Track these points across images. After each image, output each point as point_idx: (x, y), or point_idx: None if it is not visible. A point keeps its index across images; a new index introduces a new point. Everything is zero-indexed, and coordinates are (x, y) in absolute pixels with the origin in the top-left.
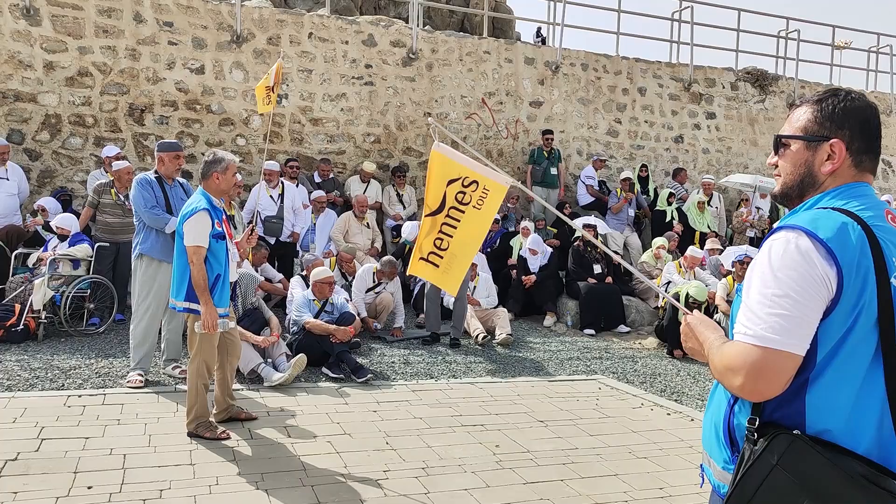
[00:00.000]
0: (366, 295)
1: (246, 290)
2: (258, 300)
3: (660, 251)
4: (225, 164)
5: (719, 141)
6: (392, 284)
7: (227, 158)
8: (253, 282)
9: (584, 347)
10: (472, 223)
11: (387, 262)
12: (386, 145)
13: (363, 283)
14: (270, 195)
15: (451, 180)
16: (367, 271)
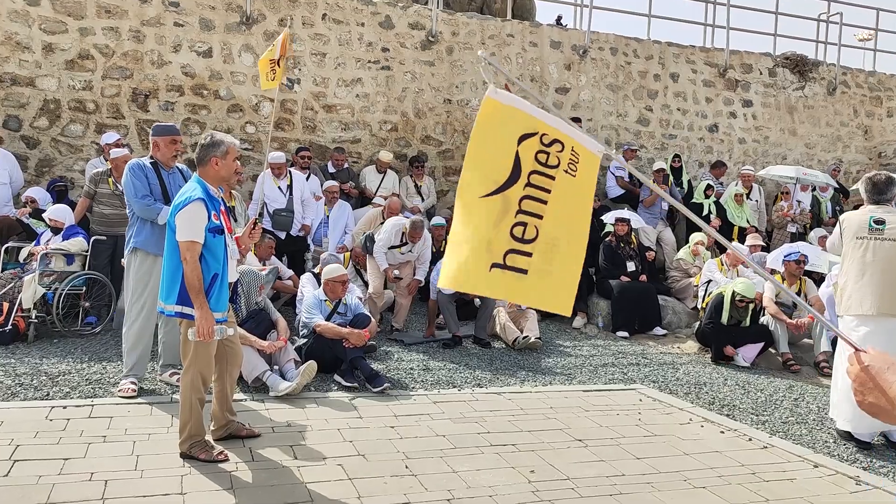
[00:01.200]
0: (389, 252)
1: (249, 288)
2: (264, 300)
3: (698, 247)
4: (224, 147)
5: (756, 130)
6: (419, 246)
7: (227, 141)
8: (256, 280)
9: (618, 352)
10: (570, 195)
11: (418, 224)
12: (403, 133)
13: (387, 239)
14: (279, 186)
15: (525, 135)
16: (395, 227)
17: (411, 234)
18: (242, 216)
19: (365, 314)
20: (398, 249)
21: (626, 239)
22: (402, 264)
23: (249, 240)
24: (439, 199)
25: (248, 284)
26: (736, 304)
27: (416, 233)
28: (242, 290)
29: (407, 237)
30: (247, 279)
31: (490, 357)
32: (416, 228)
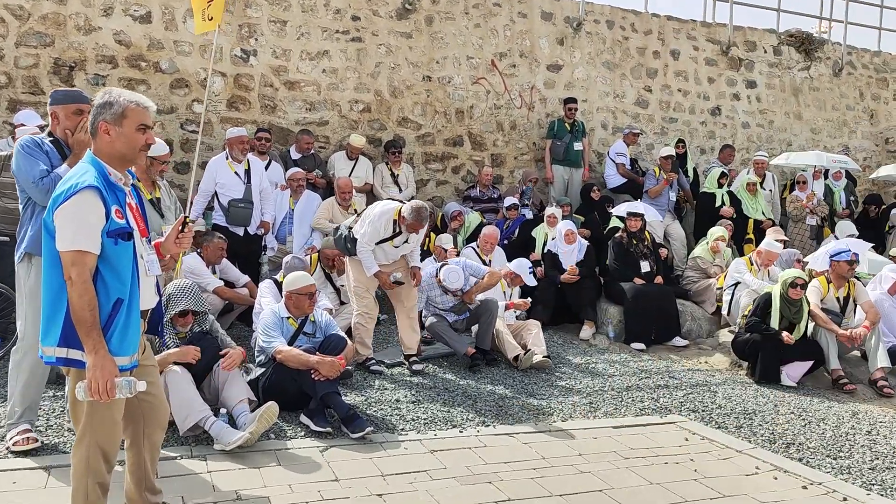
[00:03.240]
0: (378, 247)
1: (181, 307)
2: (210, 321)
3: (718, 244)
4: (119, 108)
5: (760, 114)
6: (416, 237)
7: (125, 100)
8: (196, 297)
9: (640, 370)
10: None
11: (418, 210)
12: (378, 115)
13: (375, 231)
14: (235, 172)
15: None
16: (383, 214)
17: (412, 224)
18: (173, 211)
19: (339, 335)
20: (390, 242)
21: (640, 236)
22: (395, 263)
23: (177, 247)
24: (419, 190)
25: (181, 300)
26: (788, 298)
27: (418, 223)
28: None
29: (403, 226)
30: (181, 295)
31: (491, 380)
32: (420, 217)
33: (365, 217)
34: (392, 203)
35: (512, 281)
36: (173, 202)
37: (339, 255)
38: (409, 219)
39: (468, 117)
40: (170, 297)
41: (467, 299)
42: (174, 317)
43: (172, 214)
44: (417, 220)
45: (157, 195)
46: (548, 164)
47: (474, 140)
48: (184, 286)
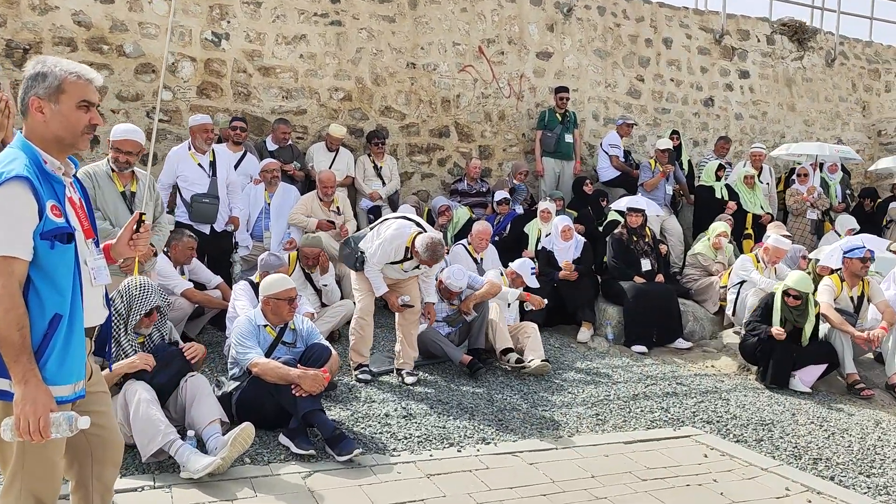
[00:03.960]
0: (388, 267)
1: (135, 322)
2: (169, 328)
3: (720, 240)
4: (55, 80)
5: (753, 105)
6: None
7: (63, 70)
8: (160, 292)
9: (644, 375)
10: None
11: (434, 248)
12: (359, 104)
13: (385, 255)
14: (199, 163)
15: None
16: (395, 238)
17: (424, 260)
18: (151, 209)
19: (322, 345)
20: (400, 265)
21: (640, 232)
22: (404, 283)
23: (130, 250)
24: (403, 184)
25: (148, 302)
26: (787, 303)
27: (431, 261)
28: (124, 329)
29: (414, 255)
30: (147, 296)
31: (488, 389)
32: (435, 256)
33: (377, 234)
34: (407, 227)
35: (513, 282)
36: (154, 198)
37: (321, 252)
38: (422, 254)
39: (455, 107)
40: (132, 298)
41: (464, 308)
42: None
43: (150, 213)
44: (431, 258)
45: (132, 188)
46: (538, 156)
47: (461, 131)
48: (142, 283)
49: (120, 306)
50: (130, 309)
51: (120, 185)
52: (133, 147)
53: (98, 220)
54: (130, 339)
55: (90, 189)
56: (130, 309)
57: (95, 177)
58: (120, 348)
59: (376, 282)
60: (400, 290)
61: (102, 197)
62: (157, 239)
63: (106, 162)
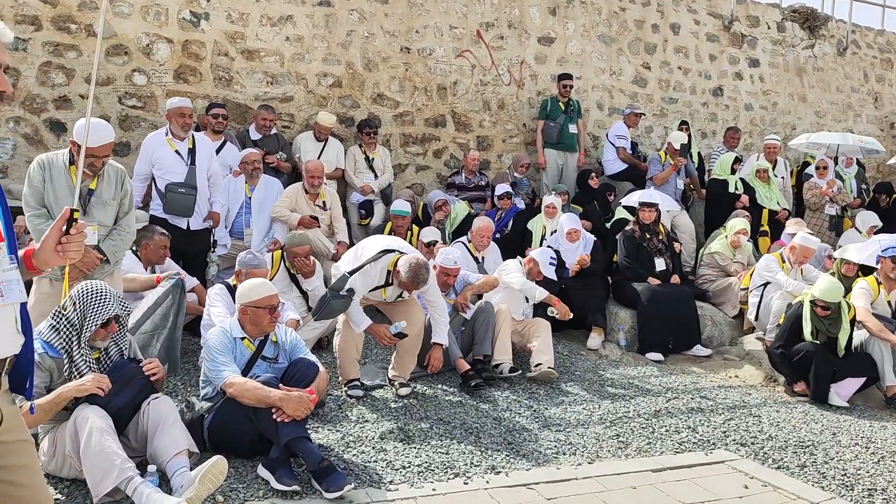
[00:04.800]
0: (371, 294)
1: (110, 314)
2: (129, 343)
3: (739, 238)
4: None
5: (763, 95)
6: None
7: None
8: (120, 298)
9: (663, 388)
10: None
11: (416, 270)
12: (350, 90)
13: (368, 279)
14: (176, 150)
15: None
16: (380, 262)
17: (404, 283)
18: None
19: (308, 360)
20: (381, 291)
21: (654, 229)
22: (394, 305)
23: (58, 257)
24: (397, 176)
25: (106, 310)
26: (815, 313)
27: (411, 283)
28: (77, 341)
29: (395, 279)
30: (105, 303)
31: (493, 404)
32: (417, 280)
33: (358, 250)
34: (393, 247)
35: (529, 271)
36: (121, 196)
37: (308, 252)
38: (403, 276)
39: (451, 94)
40: (86, 305)
41: (461, 301)
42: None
43: (111, 213)
44: (413, 280)
45: (91, 185)
46: (540, 147)
47: (458, 120)
48: (98, 288)
49: (72, 314)
50: (85, 318)
51: (74, 178)
52: (108, 150)
53: (36, 219)
54: (85, 354)
55: (39, 181)
56: (85, 318)
57: (50, 167)
58: (73, 365)
59: (356, 316)
60: (393, 315)
61: (52, 192)
62: (111, 245)
63: (68, 152)
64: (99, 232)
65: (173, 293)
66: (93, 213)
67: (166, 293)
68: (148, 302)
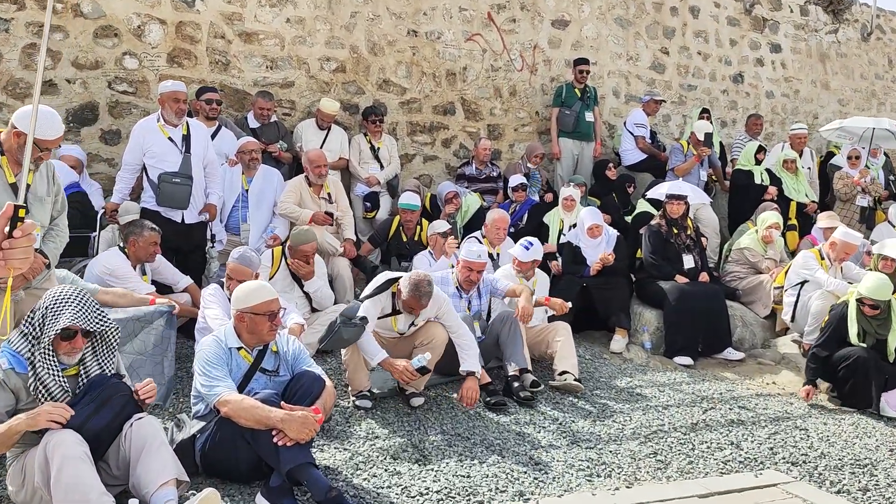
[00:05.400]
0: (382, 329)
1: (62, 323)
2: (112, 359)
3: (771, 232)
4: None
5: (785, 82)
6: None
7: None
8: (86, 308)
9: (698, 396)
10: None
11: (417, 284)
12: (354, 76)
13: (375, 303)
14: (170, 137)
15: None
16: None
17: (407, 301)
18: (49, 205)
19: (313, 373)
20: (392, 320)
21: (682, 223)
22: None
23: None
24: (404, 167)
25: (59, 318)
26: (863, 312)
27: (414, 299)
28: (41, 353)
29: (399, 301)
30: (61, 308)
31: (515, 418)
32: (419, 293)
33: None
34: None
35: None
36: (55, 192)
37: (315, 250)
38: (404, 293)
39: (461, 80)
40: (45, 312)
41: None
42: (55, 340)
43: (48, 211)
44: (414, 294)
45: (28, 181)
46: (554, 136)
47: (468, 108)
48: (63, 294)
49: (36, 321)
50: (44, 324)
51: (10, 175)
52: (53, 145)
53: None
54: (50, 368)
55: None
56: (44, 324)
57: None
58: (38, 380)
59: (369, 347)
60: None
61: None
62: (53, 247)
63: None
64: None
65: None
66: (31, 212)
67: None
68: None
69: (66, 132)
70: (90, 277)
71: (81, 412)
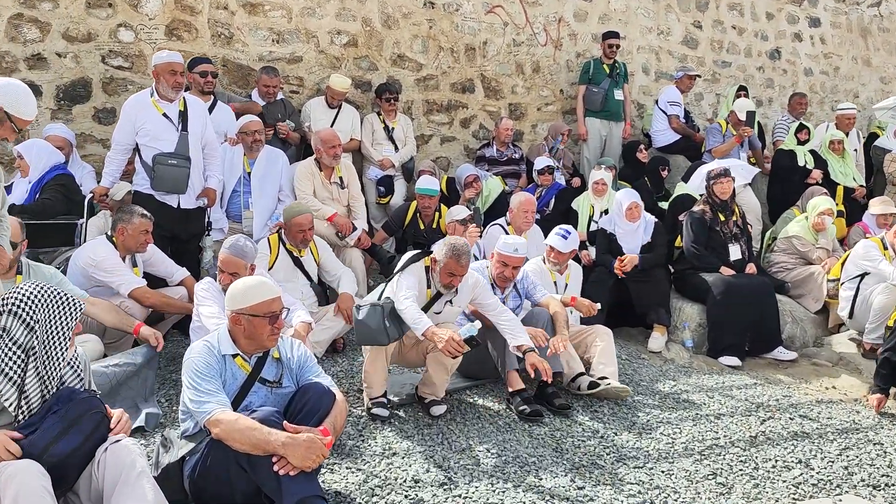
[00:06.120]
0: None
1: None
2: (80, 366)
3: (824, 219)
4: None
5: (825, 58)
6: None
7: None
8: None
9: (752, 403)
10: None
11: (453, 244)
12: (366, 51)
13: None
14: (165, 114)
15: None
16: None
17: (447, 265)
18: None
19: (321, 387)
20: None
21: (729, 206)
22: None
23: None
24: (420, 148)
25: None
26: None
27: (455, 261)
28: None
29: (434, 276)
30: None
31: (550, 428)
32: (459, 252)
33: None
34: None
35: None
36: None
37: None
38: (441, 258)
39: (481, 56)
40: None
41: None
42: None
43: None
44: (453, 255)
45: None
46: (580, 116)
47: (488, 85)
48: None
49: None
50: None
51: None
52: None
53: None
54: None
55: None
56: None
57: None
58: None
59: (413, 314)
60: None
61: None
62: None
63: None
64: None
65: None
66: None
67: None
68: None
69: (57, 110)
70: (74, 270)
71: (43, 435)
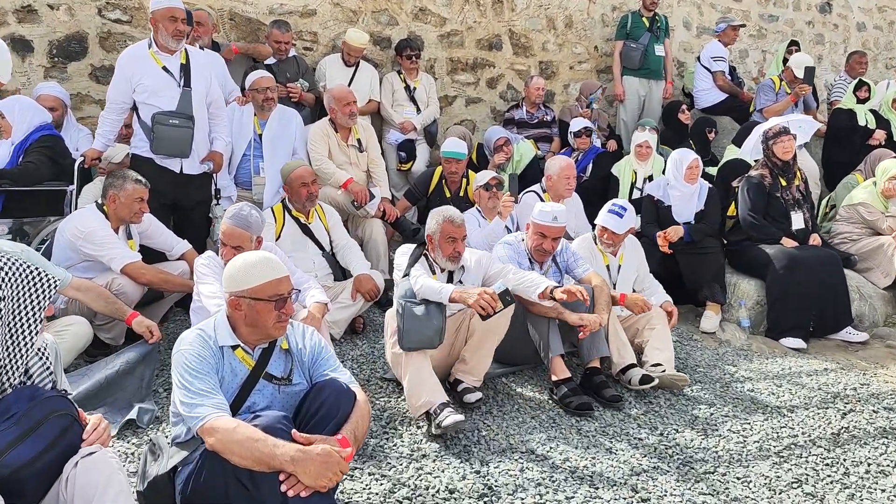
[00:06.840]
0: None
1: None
2: (45, 362)
3: (895, 185)
4: None
5: (879, 12)
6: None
7: None
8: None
9: (827, 393)
10: None
11: (443, 209)
12: (386, 4)
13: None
14: (164, 67)
15: None
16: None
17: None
18: None
19: (339, 385)
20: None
21: (791, 171)
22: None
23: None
24: (443, 110)
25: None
26: None
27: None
28: None
29: (430, 250)
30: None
31: (598, 420)
32: (452, 217)
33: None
34: None
35: (607, 242)
36: None
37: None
38: (434, 230)
39: (509, 10)
40: None
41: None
42: None
43: None
44: (448, 220)
45: None
46: (617, 74)
47: (517, 42)
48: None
49: None
50: None
51: None
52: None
53: None
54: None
55: None
56: None
57: None
58: None
59: (431, 285)
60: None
61: None
62: None
63: None
64: None
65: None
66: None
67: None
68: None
69: (51, 68)
70: (60, 243)
71: None
